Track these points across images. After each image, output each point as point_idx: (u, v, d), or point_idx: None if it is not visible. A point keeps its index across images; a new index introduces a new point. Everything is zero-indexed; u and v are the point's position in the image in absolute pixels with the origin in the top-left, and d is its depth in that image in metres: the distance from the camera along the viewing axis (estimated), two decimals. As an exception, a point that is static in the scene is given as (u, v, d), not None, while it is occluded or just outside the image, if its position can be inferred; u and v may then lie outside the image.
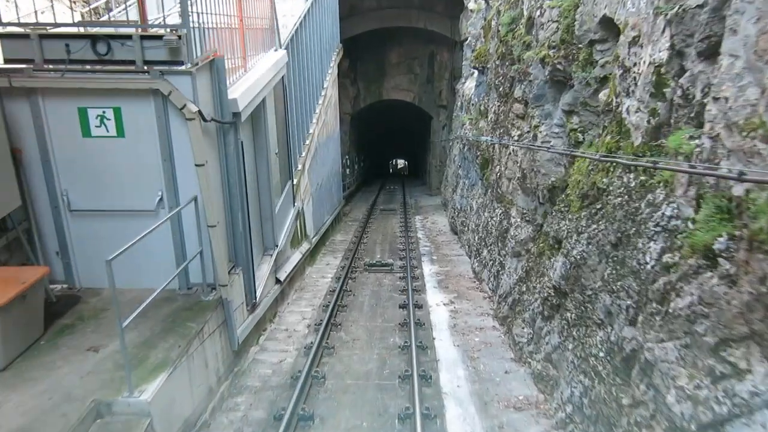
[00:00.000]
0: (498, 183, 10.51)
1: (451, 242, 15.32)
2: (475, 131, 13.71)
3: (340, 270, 12.24)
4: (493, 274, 10.05)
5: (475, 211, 12.67)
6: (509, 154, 9.92)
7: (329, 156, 17.46)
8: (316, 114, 15.21)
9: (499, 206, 10.34)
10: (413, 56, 28.09)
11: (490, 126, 11.76)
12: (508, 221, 9.55)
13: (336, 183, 19.11)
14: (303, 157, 13.03)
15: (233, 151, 7.19)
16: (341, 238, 16.55)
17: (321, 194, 15.54)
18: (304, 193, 12.84)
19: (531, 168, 8.48)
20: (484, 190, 11.87)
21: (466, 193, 14.77)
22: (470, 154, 14.44)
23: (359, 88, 28.57)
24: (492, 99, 12.15)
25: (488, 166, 11.77)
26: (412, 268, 12.08)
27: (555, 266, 6.53)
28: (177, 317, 6.29)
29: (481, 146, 12.61)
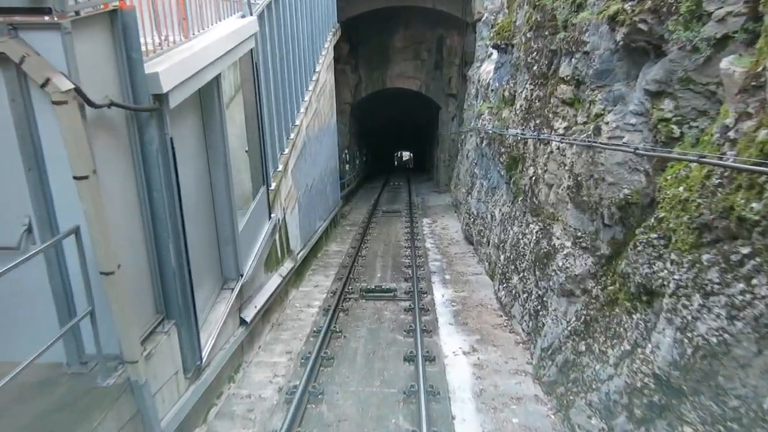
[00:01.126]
0: (533, 190, 8.06)
1: (466, 255, 12.88)
2: (497, 122, 11.23)
3: (330, 297, 9.83)
4: (528, 312, 7.61)
5: (499, 222, 10.22)
6: (550, 152, 7.47)
7: (323, 152, 15.03)
8: (304, 102, 12.77)
9: (536, 221, 7.89)
10: (420, 40, 25.53)
11: (520, 116, 9.28)
12: (551, 243, 7.11)
13: (332, 182, 16.69)
14: (286, 155, 10.60)
15: (156, 152, 4.80)
16: (336, 249, 14.14)
17: (312, 198, 13.13)
18: (287, 200, 10.43)
19: (589, 174, 6.03)
20: (512, 197, 9.41)
21: (484, 197, 12.31)
22: (490, 150, 11.97)
23: (360, 75, 26.06)
24: (521, 82, 9.67)
25: (517, 167, 9.30)
26: (420, 294, 9.67)
27: (655, 341, 4.08)
28: (52, 419, 3.92)
29: (506, 141, 10.15)
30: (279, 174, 9.95)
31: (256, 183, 8.60)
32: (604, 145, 5.59)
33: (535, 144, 8.23)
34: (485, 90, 13.75)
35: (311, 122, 13.22)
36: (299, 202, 11.60)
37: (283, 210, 10.06)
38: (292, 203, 10.91)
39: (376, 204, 22.00)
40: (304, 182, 12.18)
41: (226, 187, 6.82)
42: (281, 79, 10.56)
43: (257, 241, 8.20)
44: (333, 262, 12.68)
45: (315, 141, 13.78)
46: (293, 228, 10.93)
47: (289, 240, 10.52)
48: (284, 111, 10.80)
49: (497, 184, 11.02)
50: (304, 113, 12.33)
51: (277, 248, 9.54)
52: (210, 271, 6.68)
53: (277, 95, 10.23)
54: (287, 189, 10.45)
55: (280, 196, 9.85)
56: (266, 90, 9.40)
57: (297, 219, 11.36)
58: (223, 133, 6.68)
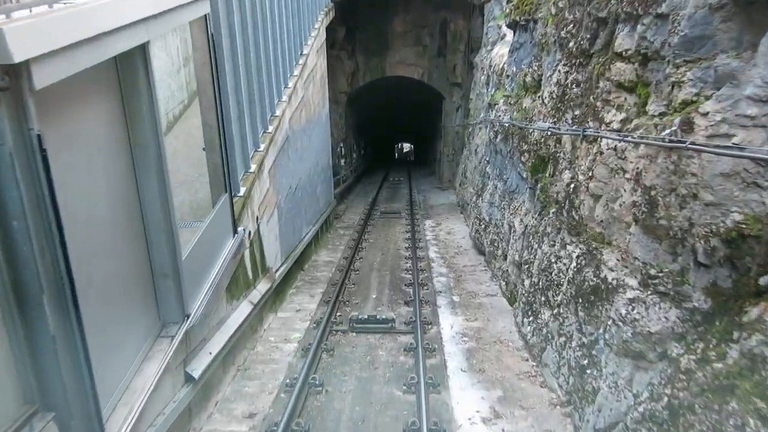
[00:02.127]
0: (571, 201, 6.22)
1: (477, 268, 11.06)
2: (516, 114, 9.37)
3: (313, 328, 8.01)
4: (567, 363, 5.79)
5: (521, 236, 8.38)
6: (599, 153, 5.63)
7: (312, 146, 13.17)
8: (288, 89, 10.89)
9: (576, 242, 6.06)
10: (422, 24, 23.55)
11: (549, 105, 7.43)
12: (599, 275, 5.30)
13: (323, 180, 14.84)
14: (261, 152, 8.75)
15: (9, 157, 2.98)
16: (327, 258, 12.31)
17: (297, 201, 11.29)
18: (262, 207, 8.60)
19: (669, 187, 4.20)
20: (539, 207, 7.56)
21: (498, 202, 10.47)
22: (507, 147, 10.11)
23: (358, 62, 24.11)
24: (549, 64, 7.81)
25: (546, 169, 7.46)
26: (423, 325, 7.85)
27: None
28: None
29: (530, 137, 8.30)
30: (251, 176, 8.10)
31: (216, 190, 6.77)
32: (701, 147, 3.75)
33: (575, 141, 6.38)
34: (499, 76, 11.87)
35: (297, 112, 11.36)
36: (280, 207, 9.76)
37: (256, 220, 8.22)
38: (269, 210, 9.07)
39: (374, 202, 20.15)
40: (286, 183, 10.34)
41: (161, 200, 5.00)
42: (255, 59, 8.69)
43: (214, 266, 6.37)
44: (321, 276, 10.85)
45: (302, 134, 11.92)
46: (271, 240, 9.10)
47: (265, 256, 8.69)
48: (259, 98, 8.95)
49: (517, 188, 9.17)
50: (287, 102, 10.47)
51: (246, 268, 7.71)
52: (136, 318, 4.86)
53: (250, 79, 8.37)
54: (262, 193, 8.61)
55: (252, 204, 8.01)
56: (232, 71, 7.54)
57: (277, 229, 9.53)
58: (155, 125, 4.83)
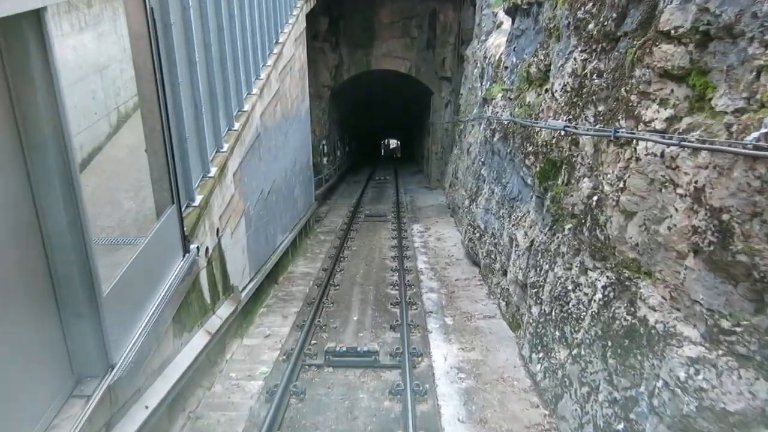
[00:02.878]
0: (594, 216, 5.09)
1: (471, 282, 9.93)
2: (519, 110, 8.23)
3: (282, 361, 6.81)
4: (593, 420, 4.66)
5: (525, 251, 7.25)
6: (633, 159, 4.50)
7: (289, 145, 11.93)
8: (259, 80, 9.65)
9: (601, 268, 4.94)
10: (410, 15, 22.31)
11: (563, 100, 6.29)
12: (635, 314, 4.19)
13: (302, 182, 13.60)
14: (224, 152, 7.51)
15: None
16: (304, 269, 11.10)
17: (270, 206, 10.06)
18: (225, 217, 7.37)
19: (752, 211, 3.08)
20: (550, 220, 6.42)
21: (496, 209, 9.33)
22: (506, 147, 8.98)
23: (342, 54, 22.81)
24: (560, 52, 6.68)
25: (558, 176, 6.32)
26: (412, 357, 6.70)
27: None
28: None
29: (537, 136, 7.16)
30: (210, 182, 6.87)
31: (160, 200, 5.54)
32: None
33: (597, 144, 5.24)
34: (495, 69, 10.72)
35: (270, 107, 10.11)
36: (248, 216, 8.53)
37: (216, 233, 6.99)
38: (234, 220, 7.84)
39: (359, 203, 18.94)
40: (257, 187, 9.10)
41: (68, 218, 3.77)
42: (218, 45, 7.45)
43: (155, 295, 5.14)
44: (297, 292, 9.64)
45: (277, 131, 10.68)
46: (237, 254, 7.87)
47: (228, 273, 7.47)
48: (223, 91, 7.71)
49: (519, 196, 8.03)
50: (258, 95, 9.22)
51: (202, 292, 6.49)
52: (36, 376, 3.63)
53: (210, 68, 7.12)
54: (225, 201, 7.37)
55: (211, 214, 6.78)
56: (186, 58, 6.30)
57: (244, 240, 8.30)
58: (58, 121, 3.59)
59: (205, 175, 6.95)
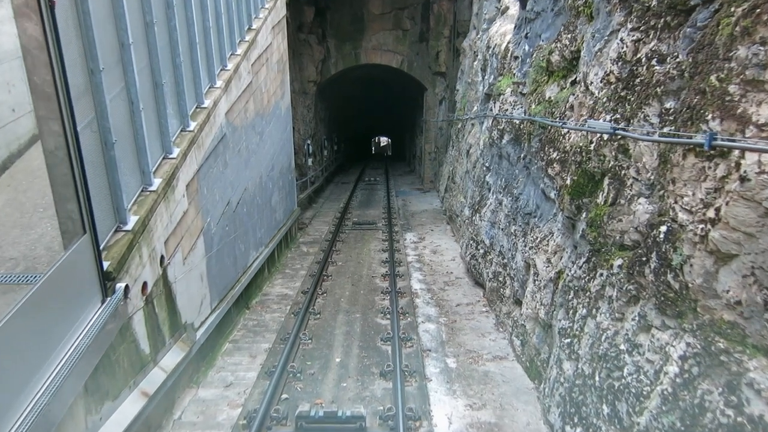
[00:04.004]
0: (663, 254, 3.67)
1: (475, 307, 8.54)
2: (537, 107, 6.80)
3: (243, 425, 5.35)
4: None
5: (547, 282, 5.84)
6: (734, 178, 3.08)
7: (265, 147, 10.45)
8: (226, 71, 8.16)
9: (676, 328, 3.53)
10: (402, 5, 20.85)
11: (604, 94, 4.88)
12: (743, 410, 2.79)
13: (282, 187, 12.12)
14: (173, 159, 6.03)
15: None
16: (281, 290, 9.64)
17: (240, 219, 8.58)
18: (174, 239, 5.89)
19: None
20: (586, 248, 5.00)
21: (505, 224, 7.92)
22: (519, 151, 7.58)
23: (329, 47, 21.30)
24: (597, 32, 5.27)
25: (597, 192, 4.89)
26: (408, 421, 5.27)
27: None
28: None
29: (563, 139, 5.75)
30: (151, 197, 5.39)
31: (67, 228, 4.08)
32: None
33: (666, 153, 3.83)
34: (502, 59, 9.30)
35: (240, 103, 8.63)
36: (209, 234, 7.06)
37: (160, 262, 5.52)
38: (189, 241, 6.37)
39: (347, 208, 17.48)
40: (221, 199, 7.63)
41: None
42: (164, 22, 5.97)
43: (51, 361, 3.67)
44: (271, 321, 8.19)
45: (249, 131, 9.20)
46: (192, 284, 6.40)
47: (178, 310, 6.00)
48: (173, 83, 6.23)
49: (538, 211, 6.62)
50: (223, 89, 7.73)
51: (136, 341, 5.01)
52: None
53: (151, 52, 5.64)
54: (174, 220, 5.90)
55: (151, 239, 5.30)
56: (112, 35, 4.80)
57: (203, 265, 6.83)
58: None
59: (146, 188, 5.47)
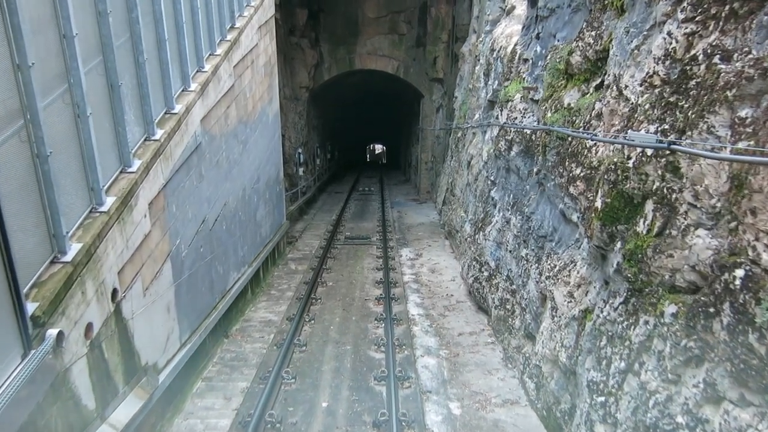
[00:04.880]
0: (740, 308, 2.83)
1: (479, 337, 7.70)
2: (554, 114, 5.97)
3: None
4: None
5: (569, 320, 4.99)
6: None
7: (249, 157, 9.59)
8: (202, 73, 7.31)
9: (764, 407, 2.67)
10: (398, 9, 20.10)
11: (646, 101, 4.04)
12: None
13: (269, 200, 11.25)
14: (133, 173, 5.16)
15: None
16: (265, 315, 8.76)
17: (218, 238, 7.70)
18: (131, 269, 5.01)
19: None
20: (623, 287, 4.15)
21: (514, 246, 7.09)
22: (530, 165, 6.75)
23: (322, 52, 20.49)
24: (629, 29, 4.47)
25: (637, 218, 4.03)
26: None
27: None
28: None
29: (589, 153, 4.91)
30: (101, 219, 4.52)
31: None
32: None
33: (740, 174, 3.00)
34: (509, 63, 8.49)
35: (219, 109, 7.77)
36: (178, 258, 6.17)
37: (112, 297, 4.63)
38: (152, 268, 5.48)
39: (339, 220, 16.60)
40: (195, 217, 6.75)
41: None
42: (123, 11, 5.12)
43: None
44: (251, 353, 7.30)
45: (230, 140, 8.34)
46: (155, 317, 5.51)
47: (137, 351, 5.10)
48: (136, 84, 5.37)
49: (555, 235, 5.78)
50: (198, 93, 6.88)
51: (76, 397, 4.11)
52: None
53: (105, 47, 4.77)
54: (132, 245, 5.02)
55: (98, 270, 4.42)
56: (48, 21, 3.94)
57: (170, 294, 5.94)
58: None
59: (95, 209, 4.60)
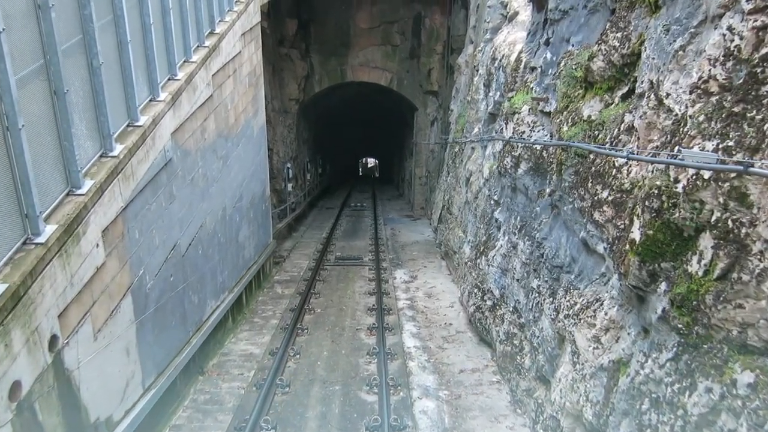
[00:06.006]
0: None
1: (482, 375, 6.94)
2: (571, 128, 5.25)
3: None
4: None
5: (597, 371, 4.22)
6: None
7: (231, 173, 8.82)
8: (174, 81, 6.55)
9: None
10: (391, 19, 19.49)
11: (698, 112, 3.32)
12: None
13: (254, 219, 10.46)
14: (82, 195, 4.38)
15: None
16: (246, 347, 7.96)
17: (192, 265, 6.90)
18: (78, 309, 4.22)
19: None
20: (670, 342, 3.40)
21: (522, 274, 6.34)
22: (540, 184, 6.03)
23: (313, 63, 19.82)
24: (669, 27, 3.75)
25: (688, 256, 3.30)
26: None
27: None
28: None
29: (617, 174, 4.19)
30: (35, 253, 3.73)
31: None
32: None
33: None
34: (513, 72, 7.81)
35: (194, 122, 7.02)
36: (141, 291, 5.37)
37: (49, 346, 3.83)
38: (107, 306, 4.68)
39: (330, 239, 15.80)
40: (163, 243, 5.96)
41: None
42: (74, 7, 4.38)
43: None
44: (227, 395, 6.48)
45: (208, 156, 7.58)
46: (109, 364, 4.70)
47: (84, 405, 4.28)
48: (89, 91, 4.62)
49: (574, 266, 5.04)
50: (168, 103, 6.12)
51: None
52: None
53: (46, 40, 4.02)
54: (79, 281, 4.23)
55: (31, 315, 3.63)
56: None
57: (131, 333, 5.12)
58: None
59: (30, 240, 3.82)
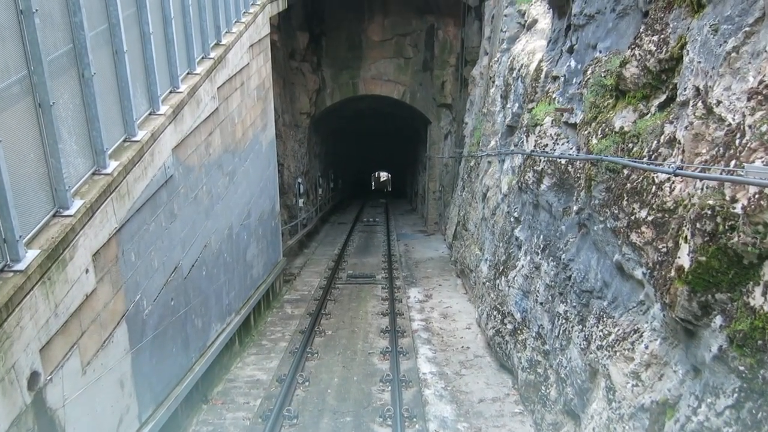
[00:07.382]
0: None
1: (504, 405, 6.48)
2: (600, 141, 4.82)
3: None
4: None
5: (637, 411, 3.75)
6: None
7: (238, 190, 8.49)
8: (178, 93, 6.24)
9: None
10: (403, 32, 19.22)
11: (764, 125, 2.88)
12: None
13: (263, 236, 10.11)
14: (70, 216, 4.02)
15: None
16: (253, 373, 7.55)
17: (195, 288, 6.53)
18: (65, 341, 3.85)
19: None
20: (729, 386, 2.96)
21: (546, 297, 5.89)
22: (565, 201, 5.60)
23: (324, 77, 19.59)
24: (719, 27, 3.28)
25: (749, 287, 2.86)
26: None
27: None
28: None
29: (659, 193, 3.75)
30: (14, 281, 3.38)
31: None
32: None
33: None
34: (533, 82, 7.41)
35: (198, 136, 6.70)
36: (137, 319, 5.00)
37: (28, 386, 3.46)
38: (97, 337, 4.31)
39: (342, 255, 15.40)
40: (162, 265, 5.59)
41: None
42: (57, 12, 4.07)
43: None
44: (231, 425, 6.08)
45: (213, 172, 7.25)
46: (100, 399, 4.32)
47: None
48: (75, 103, 4.29)
49: (607, 292, 4.58)
50: (169, 117, 5.79)
51: None
52: None
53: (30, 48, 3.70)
54: (65, 310, 3.86)
55: (6, 352, 3.26)
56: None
57: (126, 364, 4.75)
58: None
59: (8, 267, 3.47)
